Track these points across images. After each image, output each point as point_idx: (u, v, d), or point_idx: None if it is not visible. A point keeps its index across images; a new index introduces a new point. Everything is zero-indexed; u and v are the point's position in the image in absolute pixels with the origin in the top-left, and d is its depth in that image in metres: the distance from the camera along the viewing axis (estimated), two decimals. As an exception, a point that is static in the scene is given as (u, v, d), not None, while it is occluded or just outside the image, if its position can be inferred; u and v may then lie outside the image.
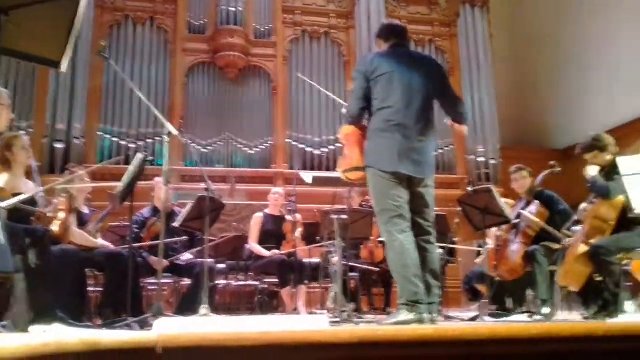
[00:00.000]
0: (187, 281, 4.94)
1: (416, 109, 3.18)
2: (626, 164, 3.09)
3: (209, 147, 8.44)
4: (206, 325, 1.93)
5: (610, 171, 3.88)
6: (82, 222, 4.17)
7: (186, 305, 4.42)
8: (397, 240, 3.01)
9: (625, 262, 3.90)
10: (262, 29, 9.12)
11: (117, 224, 5.21)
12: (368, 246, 5.62)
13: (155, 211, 4.87)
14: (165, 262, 4.43)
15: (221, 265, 5.45)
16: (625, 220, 3.74)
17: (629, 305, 3.69)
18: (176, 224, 4.44)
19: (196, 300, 4.04)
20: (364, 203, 5.72)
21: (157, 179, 4.89)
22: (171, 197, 5.16)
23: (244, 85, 8.88)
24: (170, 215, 4.71)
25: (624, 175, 3.03)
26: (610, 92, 8.76)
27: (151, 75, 8.49)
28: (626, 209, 3.63)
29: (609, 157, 3.99)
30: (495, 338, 1.20)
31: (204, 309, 3.78)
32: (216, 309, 4.82)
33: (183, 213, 4.40)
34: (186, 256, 4.82)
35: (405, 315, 2.91)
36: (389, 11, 9.42)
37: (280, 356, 1.04)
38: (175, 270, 4.77)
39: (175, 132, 3.50)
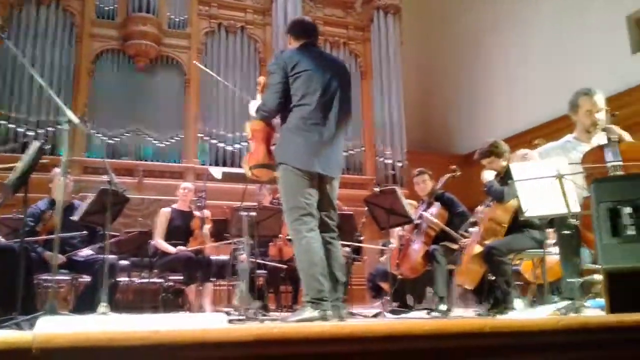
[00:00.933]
0: (86, 278, 4.72)
1: (332, 109, 3.23)
2: (518, 170, 3.29)
3: (115, 138, 8.08)
4: (98, 324, 1.85)
5: (505, 176, 4.12)
6: (-32, 214, 3.88)
7: (84, 303, 4.22)
8: (305, 238, 3.05)
9: (516, 262, 4.16)
10: (177, 19, 8.88)
11: (9, 216, 4.87)
12: (277, 244, 5.63)
13: (53, 204, 4.61)
14: (62, 258, 4.21)
15: (124, 262, 5.24)
16: (516, 223, 3.99)
17: (518, 303, 3.91)
18: (75, 218, 4.23)
19: (95, 298, 3.88)
20: (274, 200, 5.73)
21: (56, 170, 4.63)
22: (71, 189, 4.89)
23: (155, 75, 8.59)
24: (70, 209, 4.48)
25: (516, 180, 3.22)
26: (509, 103, 9.37)
27: (54, 60, 8.00)
28: (518, 212, 3.86)
29: (504, 163, 4.25)
30: (390, 335, 1.24)
31: (102, 307, 3.63)
32: (117, 307, 4.65)
33: (83, 206, 4.20)
34: (86, 252, 4.60)
35: (309, 312, 2.95)
36: (306, 11, 9.48)
37: (170, 356, 1.01)
38: (73, 266, 4.54)
39: (76, 120, 3.32)
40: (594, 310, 2.97)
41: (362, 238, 5.75)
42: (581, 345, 1.42)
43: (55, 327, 1.54)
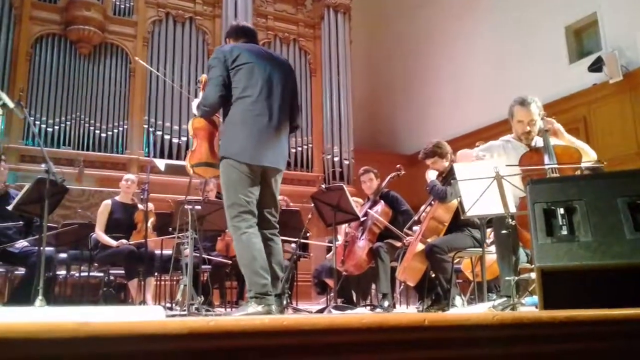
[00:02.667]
0: (21, 270, 4.55)
1: (275, 101, 3.20)
2: (461, 170, 3.36)
3: (55, 126, 7.79)
4: (30, 317, 1.79)
5: (448, 176, 4.24)
6: None
7: (19, 296, 4.08)
8: (245, 233, 3.02)
9: (456, 260, 4.27)
10: (122, 6, 8.64)
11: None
12: (225, 239, 5.55)
13: (-14, 192, 4.41)
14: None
15: (62, 255, 5.07)
16: (457, 222, 4.11)
17: (458, 300, 4.00)
18: (10, 207, 4.06)
19: (31, 291, 3.74)
20: (220, 194, 5.65)
21: (-10, 157, 4.43)
22: (6, 177, 4.69)
23: (99, 63, 8.33)
24: (5, 198, 4.30)
25: (459, 180, 3.29)
26: (454, 106, 9.62)
27: (-10, 42, 7.64)
28: (458, 211, 3.97)
29: (446, 164, 4.36)
30: (329, 328, 1.24)
31: (39, 300, 3.51)
32: (56, 301, 4.50)
33: (19, 196, 4.04)
34: (21, 243, 4.42)
35: (254, 307, 2.93)
36: (256, 5, 9.42)
37: (101, 349, 0.98)
38: (8, 258, 4.37)
39: (11, 104, 3.19)
40: (529, 308, 3.08)
41: (308, 235, 5.78)
42: (515, 339, 1.47)
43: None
